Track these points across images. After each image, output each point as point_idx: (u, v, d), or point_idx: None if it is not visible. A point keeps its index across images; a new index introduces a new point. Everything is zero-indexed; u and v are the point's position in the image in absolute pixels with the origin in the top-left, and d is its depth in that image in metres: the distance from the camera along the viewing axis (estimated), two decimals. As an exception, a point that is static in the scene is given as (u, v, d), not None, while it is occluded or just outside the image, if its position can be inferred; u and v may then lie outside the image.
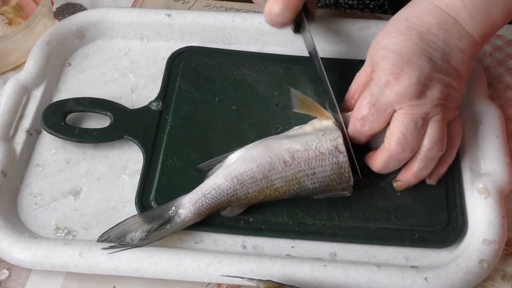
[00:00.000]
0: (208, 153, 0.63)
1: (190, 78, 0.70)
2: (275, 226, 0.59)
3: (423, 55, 0.57)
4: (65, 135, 0.65)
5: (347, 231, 0.59)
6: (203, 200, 0.58)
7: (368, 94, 0.58)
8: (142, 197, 0.61)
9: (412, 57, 0.57)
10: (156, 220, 0.57)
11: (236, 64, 0.71)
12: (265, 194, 0.58)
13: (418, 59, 0.57)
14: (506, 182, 0.60)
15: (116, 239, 0.57)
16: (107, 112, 0.67)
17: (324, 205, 0.60)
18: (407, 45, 0.57)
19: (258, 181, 0.58)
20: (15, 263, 0.58)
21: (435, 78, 0.57)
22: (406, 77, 0.56)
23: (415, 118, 0.57)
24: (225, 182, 0.58)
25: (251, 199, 0.59)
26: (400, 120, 0.57)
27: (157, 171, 0.62)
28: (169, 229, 0.57)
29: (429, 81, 0.56)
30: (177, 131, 0.66)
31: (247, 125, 0.66)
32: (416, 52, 0.57)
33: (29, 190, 0.63)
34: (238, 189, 0.58)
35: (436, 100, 0.57)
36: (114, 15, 0.74)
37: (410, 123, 0.57)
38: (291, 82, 0.69)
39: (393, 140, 0.58)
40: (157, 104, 0.68)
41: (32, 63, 0.70)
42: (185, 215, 0.58)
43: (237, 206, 0.59)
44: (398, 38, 0.57)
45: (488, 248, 0.56)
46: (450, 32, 0.57)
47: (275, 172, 0.58)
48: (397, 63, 0.57)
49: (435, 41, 0.57)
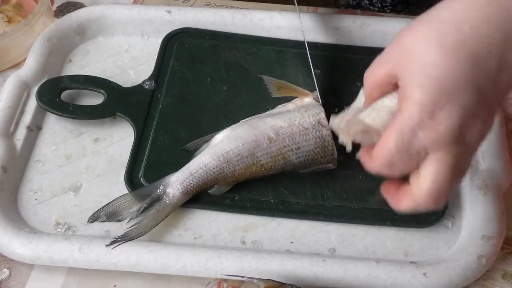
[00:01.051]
0: (198, 132, 0.64)
1: (184, 59, 0.71)
2: (259, 204, 0.61)
3: (470, 86, 0.44)
4: (59, 111, 0.67)
5: (330, 210, 0.60)
6: (190, 179, 0.59)
7: (398, 137, 0.46)
8: (132, 173, 0.62)
9: (455, 91, 0.44)
10: (145, 199, 0.58)
11: (229, 46, 0.72)
12: (252, 170, 0.60)
13: (463, 93, 0.44)
14: (505, 178, 0.61)
15: (106, 218, 0.58)
16: (101, 89, 0.68)
17: (308, 184, 0.61)
18: (452, 73, 0.44)
19: (244, 158, 0.59)
20: (15, 258, 0.58)
21: (479, 114, 0.45)
22: (447, 118, 0.44)
23: (453, 167, 0.46)
24: (212, 160, 0.59)
25: (238, 176, 0.60)
26: (436, 167, 0.46)
27: (147, 148, 0.64)
28: (160, 210, 0.58)
29: (472, 120, 0.45)
30: (169, 110, 0.67)
31: (238, 106, 0.67)
32: (462, 83, 0.44)
33: (29, 185, 0.63)
34: (224, 167, 0.59)
35: (474, 143, 0.47)
36: (114, 11, 0.75)
37: (447, 173, 0.46)
38: (283, 64, 0.70)
39: (422, 191, 0.47)
40: (150, 83, 0.69)
41: (33, 59, 0.70)
42: (173, 194, 0.59)
43: (224, 184, 0.60)
44: (442, 59, 0.44)
45: (487, 244, 0.57)
46: (509, 46, 0.44)
47: (260, 149, 0.59)
48: (437, 98, 0.44)
49: (489, 64, 0.44)
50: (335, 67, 0.70)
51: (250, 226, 0.60)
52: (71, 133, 0.67)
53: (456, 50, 0.44)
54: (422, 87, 0.44)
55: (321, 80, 0.65)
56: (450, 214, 0.60)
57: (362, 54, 0.71)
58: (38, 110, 0.67)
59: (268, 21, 0.73)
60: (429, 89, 0.44)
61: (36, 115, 0.67)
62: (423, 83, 0.44)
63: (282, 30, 0.73)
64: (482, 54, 0.44)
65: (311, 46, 0.69)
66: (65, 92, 0.69)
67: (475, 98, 0.44)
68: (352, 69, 0.68)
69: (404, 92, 0.46)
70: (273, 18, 0.73)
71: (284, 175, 0.62)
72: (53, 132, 0.67)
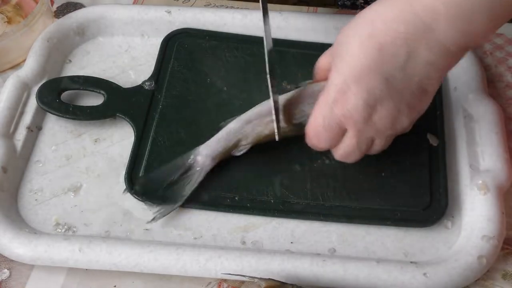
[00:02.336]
0: (198, 133, 0.65)
1: (184, 59, 0.71)
2: (260, 204, 0.61)
3: (378, 74, 0.51)
4: (59, 112, 0.67)
5: (330, 210, 0.60)
6: (216, 144, 0.62)
7: (319, 113, 0.55)
8: (132, 174, 0.62)
9: (363, 76, 0.52)
10: (177, 171, 0.61)
11: (229, 46, 0.72)
12: (270, 128, 0.61)
13: (370, 78, 0.52)
14: (505, 179, 0.60)
15: (140, 189, 0.61)
16: (101, 90, 0.68)
17: (309, 184, 0.61)
18: (362, 60, 0.51)
19: (263, 117, 0.61)
20: (15, 258, 0.58)
21: (386, 102, 0.53)
22: (353, 98, 0.52)
23: (359, 143, 0.56)
24: (235, 125, 0.62)
25: (259, 135, 0.62)
26: (347, 143, 0.56)
27: (147, 149, 0.64)
28: (191, 176, 0.61)
29: (379, 104, 0.53)
30: (169, 111, 0.67)
31: (237, 106, 0.67)
32: (370, 69, 0.51)
33: (29, 186, 0.63)
34: (245, 127, 0.62)
35: (383, 127, 0.55)
36: (114, 12, 0.75)
37: (354, 147, 0.56)
38: (283, 65, 0.70)
39: (337, 154, 0.58)
40: (150, 84, 0.69)
41: (33, 59, 0.70)
42: (202, 161, 0.61)
43: (245, 143, 0.62)
44: (356, 48, 0.52)
45: (487, 244, 0.57)
46: (420, 42, 0.50)
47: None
48: (347, 80, 0.52)
49: (397, 55, 0.51)
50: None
51: (250, 226, 0.60)
52: (71, 133, 0.67)
53: (367, 41, 0.51)
54: (338, 71, 0.53)
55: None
56: (450, 214, 0.60)
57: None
58: (38, 110, 0.67)
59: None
60: (342, 72, 0.53)
61: (36, 115, 0.67)
62: (340, 67, 0.53)
63: (282, 30, 0.73)
64: (389, 44, 0.50)
65: (311, 46, 0.69)
66: (65, 93, 0.69)
67: (382, 84, 0.52)
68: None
69: (329, 75, 0.55)
70: (273, 18, 0.73)
71: (285, 176, 0.62)
72: (53, 132, 0.67)
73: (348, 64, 0.52)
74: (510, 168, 0.61)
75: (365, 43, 0.51)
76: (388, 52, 0.51)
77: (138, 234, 0.60)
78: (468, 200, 0.60)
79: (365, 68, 0.52)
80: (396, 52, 0.51)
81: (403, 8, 0.50)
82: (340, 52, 0.54)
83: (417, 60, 0.51)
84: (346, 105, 0.53)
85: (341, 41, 0.54)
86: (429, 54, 0.50)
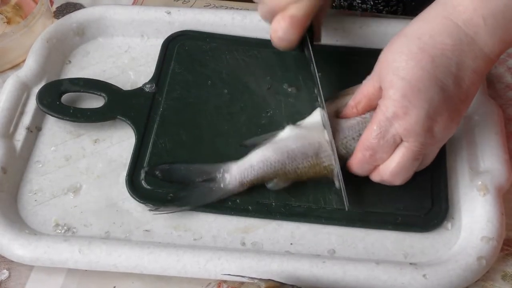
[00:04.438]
0: (199, 135, 0.65)
1: (184, 62, 0.71)
2: (261, 207, 0.60)
3: (434, 84, 0.54)
4: (59, 114, 0.66)
5: (331, 214, 0.60)
6: (249, 170, 0.59)
7: (376, 126, 0.56)
8: (133, 176, 0.62)
9: (421, 88, 0.54)
10: (203, 176, 0.60)
11: (230, 49, 0.72)
12: (315, 170, 0.60)
13: (428, 89, 0.54)
14: (505, 180, 0.60)
15: (162, 176, 0.60)
16: (101, 92, 0.68)
17: (311, 188, 0.61)
18: (417, 73, 0.54)
19: (309, 157, 0.59)
20: (15, 259, 0.58)
21: (443, 112, 0.55)
22: (415, 112, 0.54)
23: (417, 154, 0.56)
24: (275, 155, 0.59)
25: (300, 175, 0.60)
26: (403, 153, 0.56)
27: (148, 152, 0.64)
28: (212, 190, 0.59)
29: (438, 115, 0.55)
30: (170, 113, 0.67)
31: (238, 108, 0.67)
32: (426, 81, 0.54)
33: (29, 187, 0.63)
34: (287, 163, 0.59)
35: (442, 138, 0.56)
36: (114, 12, 0.75)
37: (411, 158, 0.56)
38: (283, 67, 0.70)
39: (388, 170, 0.58)
40: (151, 86, 0.69)
41: (32, 60, 0.70)
42: (228, 181, 0.60)
43: (283, 180, 0.60)
44: (408, 63, 0.54)
45: (487, 245, 0.57)
46: (465, 53, 0.54)
47: (323, 150, 0.60)
48: (406, 94, 0.54)
49: (448, 65, 0.54)
50: (335, 68, 0.70)
51: (250, 227, 0.60)
52: (70, 134, 0.67)
53: (418, 55, 0.54)
54: (394, 87, 0.55)
55: (320, 81, 0.65)
56: (450, 215, 0.60)
57: (362, 55, 0.70)
58: (37, 111, 0.67)
59: (268, 22, 0.73)
60: (400, 87, 0.54)
61: (35, 116, 0.67)
62: (395, 83, 0.55)
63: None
64: (439, 56, 0.54)
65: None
66: (66, 95, 0.68)
67: (439, 94, 0.54)
68: (352, 70, 0.67)
69: (383, 94, 0.56)
70: (273, 19, 0.73)
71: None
72: (52, 133, 0.67)
73: (404, 78, 0.54)
74: (509, 169, 0.61)
75: (418, 57, 0.54)
76: (441, 63, 0.54)
77: (138, 235, 0.60)
78: (467, 201, 0.60)
79: (423, 80, 0.54)
80: (448, 62, 0.54)
81: (445, 22, 0.54)
82: (387, 70, 0.55)
83: (465, 69, 0.54)
84: (409, 119, 0.54)
85: (387, 60, 0.56)
86: (474, 62, 0.54)
